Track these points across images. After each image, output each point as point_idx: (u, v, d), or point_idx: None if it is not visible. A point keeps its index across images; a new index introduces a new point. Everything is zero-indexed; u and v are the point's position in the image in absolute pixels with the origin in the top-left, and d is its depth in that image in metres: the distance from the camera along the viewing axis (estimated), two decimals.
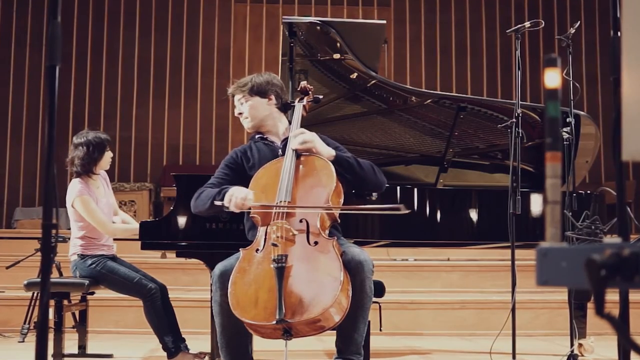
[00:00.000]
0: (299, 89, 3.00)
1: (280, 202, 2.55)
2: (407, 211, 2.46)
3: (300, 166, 2.67)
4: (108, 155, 3.80)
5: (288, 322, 2.27)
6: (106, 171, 3.90)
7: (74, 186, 3.71)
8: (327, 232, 2.54)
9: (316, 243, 2.45)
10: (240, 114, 2.97)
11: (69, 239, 3.79)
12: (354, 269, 2.44)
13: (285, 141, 2.82)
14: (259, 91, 2.91)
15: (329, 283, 2.34)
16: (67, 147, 3.88)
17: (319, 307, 2.29)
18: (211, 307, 2.60)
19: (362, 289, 2.46)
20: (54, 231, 1.58)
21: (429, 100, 3.79)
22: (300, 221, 2.50)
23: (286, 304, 2.28)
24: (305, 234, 2.47)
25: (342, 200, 2.65)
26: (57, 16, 1.61)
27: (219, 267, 2.54)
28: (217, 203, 2.59)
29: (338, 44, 3.56)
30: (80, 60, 8.41)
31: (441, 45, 8.63)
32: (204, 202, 2.71)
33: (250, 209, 2.58)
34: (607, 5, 1.83)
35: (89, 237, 3.70)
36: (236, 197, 2.54)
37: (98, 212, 3.67)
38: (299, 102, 2.94)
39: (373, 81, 3.68)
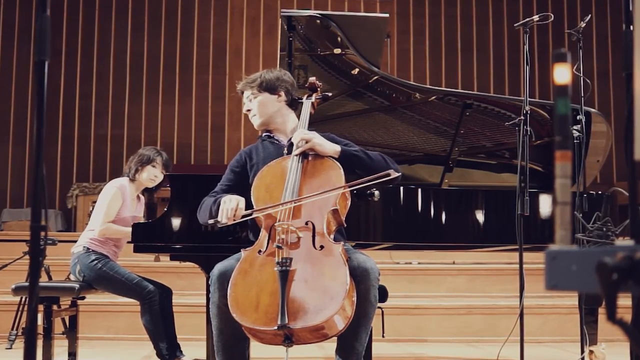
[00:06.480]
0: (306, 86, 2.97)
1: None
2: (398, 174, 2.45)
3: (308, 167, 2.62)
4: (150, 171, 3.86)
5: (290, 328, 2.20)
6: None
7: (120, 180, 3.85)
8: (332, 236, 2.49)
9: (322, 247, 2.39)
10: (248, 110, 2.93)
11: (59, 241, 3.76)
12: (359, 277, 2.39)
13: (291, 140, 2.74)
14: (268, 87, 2.87)
15: (334, 289, 2.27)
16: (57, 146, 3.83)
17: (324, 314, 2.22)
18: (207, 311, 2.56)
19: (367, 298, 2.41)
20: (43, 233, 1.55)
21: (434, 97, 3.77)
22: (306, 223, 2.45)
23: (289, 310, 2.22)
24: (311, 236, 2.41)
25: (348, 203, 2.59)
26: (46, 9, 1.59)
27: (219, 267, 2.48)
28: (210, 222, 2.55)
29: (339, 39, 3.54)
30: (70, 55, 8.34)
31: (446, 39, 8.56)
32: (204, 215, 2.68)
33: (244, 216, 2.51)
34: None
35: None
36: (226, 210, 2.49)
37: (111, 210, 3.73)
38: (307, 99, 2.91)
39: (375, 77, 3.66)
